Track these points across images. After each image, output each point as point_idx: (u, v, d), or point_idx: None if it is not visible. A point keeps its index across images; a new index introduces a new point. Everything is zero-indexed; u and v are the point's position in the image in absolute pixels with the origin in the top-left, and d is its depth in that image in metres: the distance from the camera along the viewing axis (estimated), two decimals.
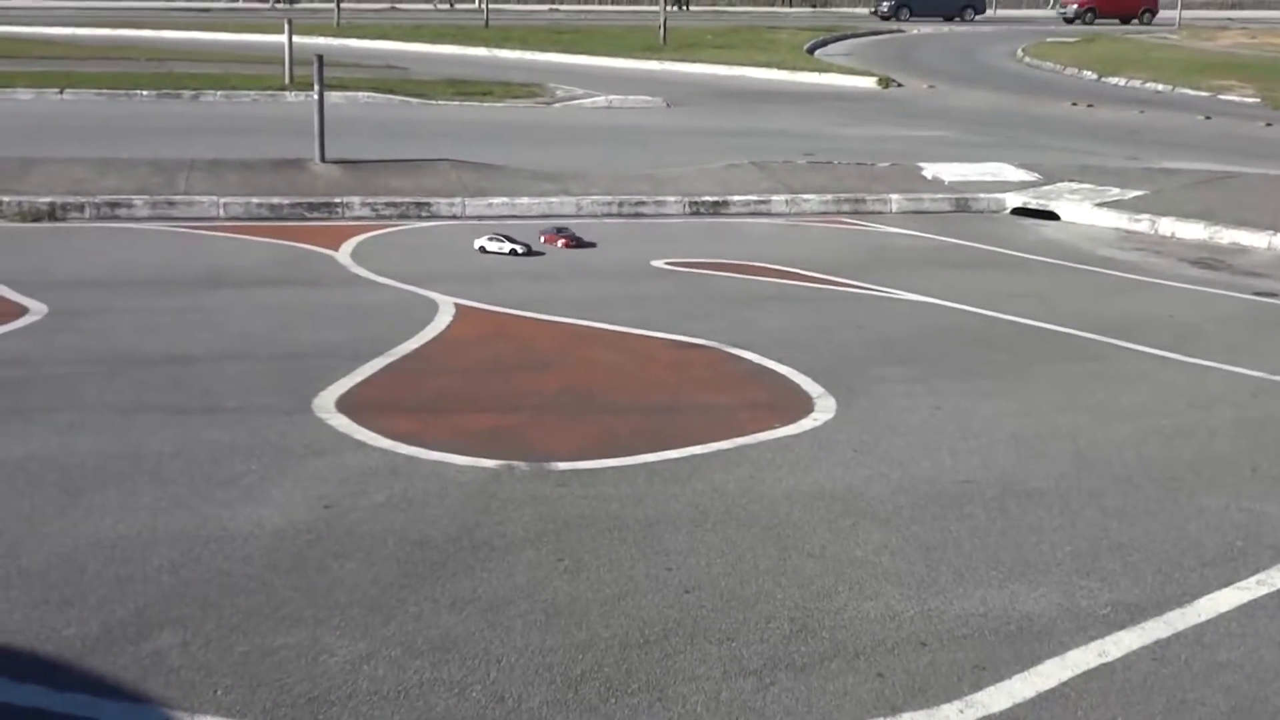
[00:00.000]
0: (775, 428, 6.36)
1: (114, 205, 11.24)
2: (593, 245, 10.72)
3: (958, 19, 54.71)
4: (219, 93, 20.96)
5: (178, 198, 11.50)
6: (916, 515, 5.36)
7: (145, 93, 20.69)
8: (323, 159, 12.95)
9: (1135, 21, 55.35)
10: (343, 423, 6.19)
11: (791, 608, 4.50)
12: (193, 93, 20.83)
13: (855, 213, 12.86)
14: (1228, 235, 12.11)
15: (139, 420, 6.14)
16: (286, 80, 21.46)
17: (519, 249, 10.15)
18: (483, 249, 10.21)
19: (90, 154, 12.96)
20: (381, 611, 4.37)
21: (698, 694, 3.93)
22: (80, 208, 11.16)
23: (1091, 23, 53.91)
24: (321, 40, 30.68)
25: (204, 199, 11.51)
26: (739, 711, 3.85)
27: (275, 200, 11.64)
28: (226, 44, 33.09)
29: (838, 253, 10.97)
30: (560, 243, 10.61)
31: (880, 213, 12.93)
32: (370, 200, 11.85)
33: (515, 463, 5.75)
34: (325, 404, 6.46)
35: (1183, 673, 4.16)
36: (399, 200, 11.93)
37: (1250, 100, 26.67)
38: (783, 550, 4.97)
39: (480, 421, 6.37)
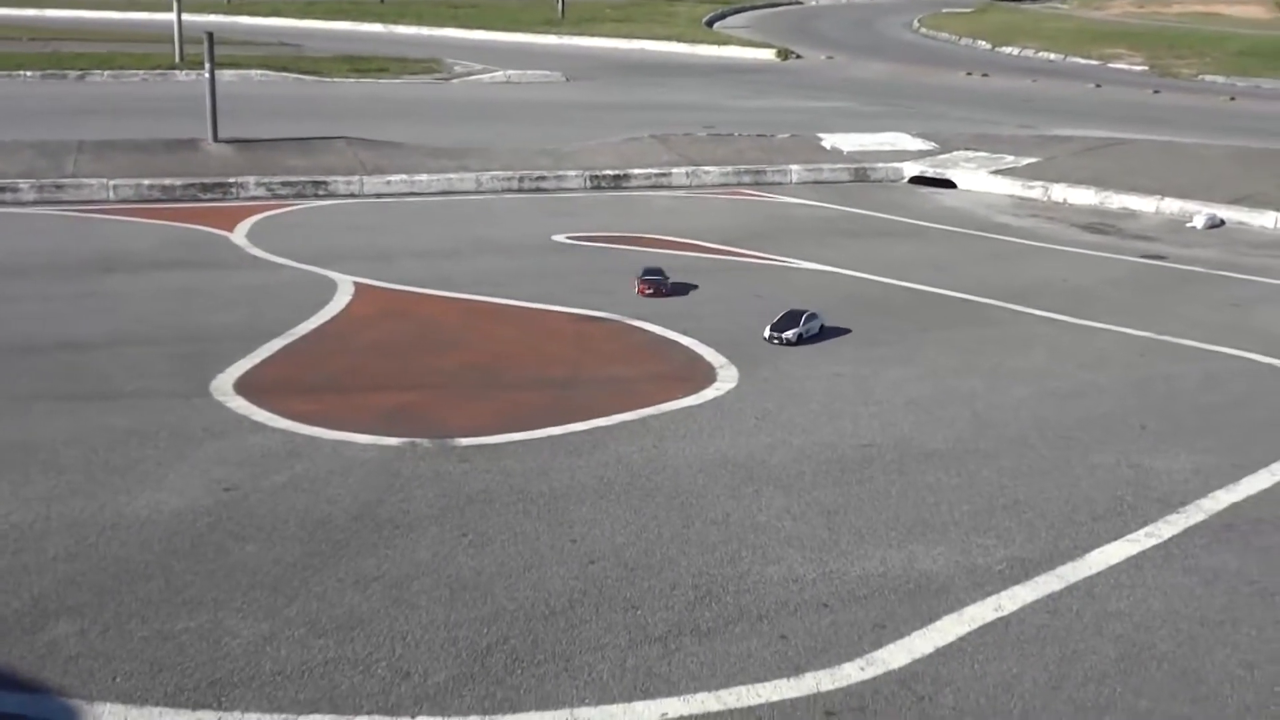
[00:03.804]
0: (678, 398, 6.40)
1: None
2: (689, 290, 8.62)
3: None
4: (106, 72, 20.42)
5: (65, 180, 11.20)
6: (818, 480, 5.44)
7: (29, 73, 20.04)
8: (215, 139, 12.71)
9: None
10: (241, 404, 6.11)
11: (695, 574, 4.55)
12: (79, 73, 20.27)
13: (756, 184, 12.95)
14: (1117, 200, 12.41)
15: (32, 408, 6.00)
16: (176, 58, 20.98)
17: (805, 333, 7.49)
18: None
19: None
20: (284, 592, 4.33)
21: (604, 662, 3.96)
22: None
23: None
24: (212, 18, 29.94)
25: (93, 181, 11.23)
26: (645, 678, 3.89)
27: (167, 181, 11.39)
28: (113, 22, 32.18)
29: (738, 224, 11.04)
30: (648, 292, 8.39)
31: (780, 184, 13.04)
32: (265, 180, 11.65)
33: (418, 440, 5.72)
34: (223, 386, 6.36)
35: (1074, 624, 4.29)
36: (295, 179, 11.75)
37: (1139, 68, 27.28)
38: (686, 518, 5.02)
39: (382, 399, 6.33)
